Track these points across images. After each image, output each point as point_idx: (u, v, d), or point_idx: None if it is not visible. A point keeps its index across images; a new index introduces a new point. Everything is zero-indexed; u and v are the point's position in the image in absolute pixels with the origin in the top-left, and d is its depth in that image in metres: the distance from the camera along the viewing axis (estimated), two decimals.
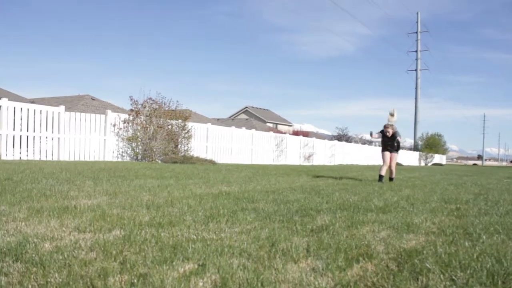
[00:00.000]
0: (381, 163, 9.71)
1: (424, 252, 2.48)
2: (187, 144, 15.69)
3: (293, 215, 3.68)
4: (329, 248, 2.53)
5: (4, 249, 2.18)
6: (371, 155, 34.62)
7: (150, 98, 14.76)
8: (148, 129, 14.09)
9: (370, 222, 3.47)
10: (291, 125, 61.23)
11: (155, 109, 14.54)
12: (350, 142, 43.79)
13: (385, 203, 4.79)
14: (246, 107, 60.35)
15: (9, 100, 11.73)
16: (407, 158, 45.34)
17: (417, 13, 59.83)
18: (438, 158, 57.08)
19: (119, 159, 13.64)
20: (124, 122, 13.92)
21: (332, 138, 45.60)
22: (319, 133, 66.39)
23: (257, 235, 2.80)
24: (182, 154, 14.62)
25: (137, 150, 14.03)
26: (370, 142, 57.16)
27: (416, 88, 58.48)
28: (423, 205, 4.86)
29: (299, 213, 3.81)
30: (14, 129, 11.21)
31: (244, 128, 20.65)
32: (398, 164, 35.37)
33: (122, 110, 21.30)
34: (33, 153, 11.63)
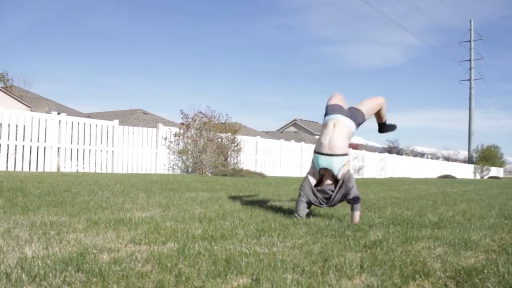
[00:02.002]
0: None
1: (485, 271, 2.38)
2: (237, 157, 15.84)
3: (345, 230, 3.63)
4: (383, 264, 2.47)
5: (67, 259, 2.27)
6: (423, 168, 33.69)
7: (200, 112, 15.05)
8: (198, 142, 14.34)
9: (425, 238, 3.36)
10: None
11: (205, 122, 14.80)
12: (401, 154, 42.80)
13: (440, 218, 4.64)
14: (295, 120, 60.26)
15: (67, 115, 12.27)
16: (461, 170, 43.79)
17: (470, 21, 58.18)
18: (495, 171, 54.81)
19: (170, 172, 13.93)
20: (175, 136, 14.23)
21: (382, 150, 44.75)
22: (369, 145, 65.28)
23: (310, 250, 2.78)
24: (231, 167, 14.76)
25: (188, 163, 14.29)
26: (422, 155, 55.70)
27: (470, 98, 56.70)
28: (480, 220, 4.67)
29: (351, 228, 3.75)
30: (71, 143, 11.69)
31: (293, 141, 20.63)
32: (450, 177, 33.78)
33: (173, 124, 21.78)
34: (89, 166, 12.07)
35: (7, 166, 10.53)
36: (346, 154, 4.18)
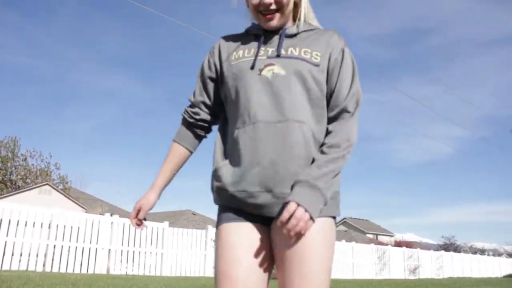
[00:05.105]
0: None
1: None
2: None
3: None
4: None
5: None
6: (485, 266, 31.60)
7: None
8: None
9: None
10: (392, 235, 58.50)
11: None
12: (459, 251, 40.59)
13: None
14: (345, 219, 59.06)
15: (120, 216, 12.58)
16: None
17: None
18: None
19: None
20: None
21: (438, 247, 42.69)
22: (423, 242, 62.58)
23: None
24: None
25: None
26: (482, 251, 52.60)
27: None
28: None
29: None
30: (122, 245, 11.84)
31: (343, 241, 20.07)
32: None
33: None
34: (138, 268, 12.07)
35: (59, 267, 10.69)
36: None
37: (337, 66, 1.57)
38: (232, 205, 1.54)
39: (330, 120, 1.55)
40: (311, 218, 1.38)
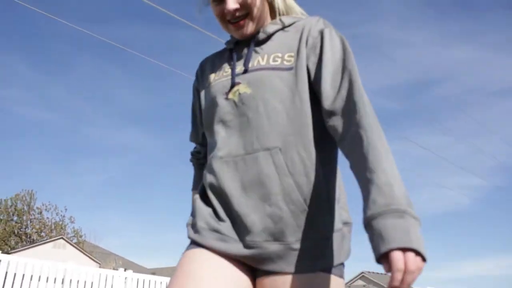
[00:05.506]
0: None
1: None
2: None
3: None
4: None
5: None
6: None
7: None
8: None
9: None
10: None
11: None
12: None
13: None
14: (363, 273, 57.36)
15: (133, 271, 12.35)
16: None
17: None
18: None
19: None
20: None
21: None
22: None
23: None
24: None
25: None
26: None
27: None
28: None
29: None
30: None
31: None
32: None
33: None
34: None
35: None
36: None
37: (315, 54, 1.27)
38: None
39: (330, 114, 1.20)
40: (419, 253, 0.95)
